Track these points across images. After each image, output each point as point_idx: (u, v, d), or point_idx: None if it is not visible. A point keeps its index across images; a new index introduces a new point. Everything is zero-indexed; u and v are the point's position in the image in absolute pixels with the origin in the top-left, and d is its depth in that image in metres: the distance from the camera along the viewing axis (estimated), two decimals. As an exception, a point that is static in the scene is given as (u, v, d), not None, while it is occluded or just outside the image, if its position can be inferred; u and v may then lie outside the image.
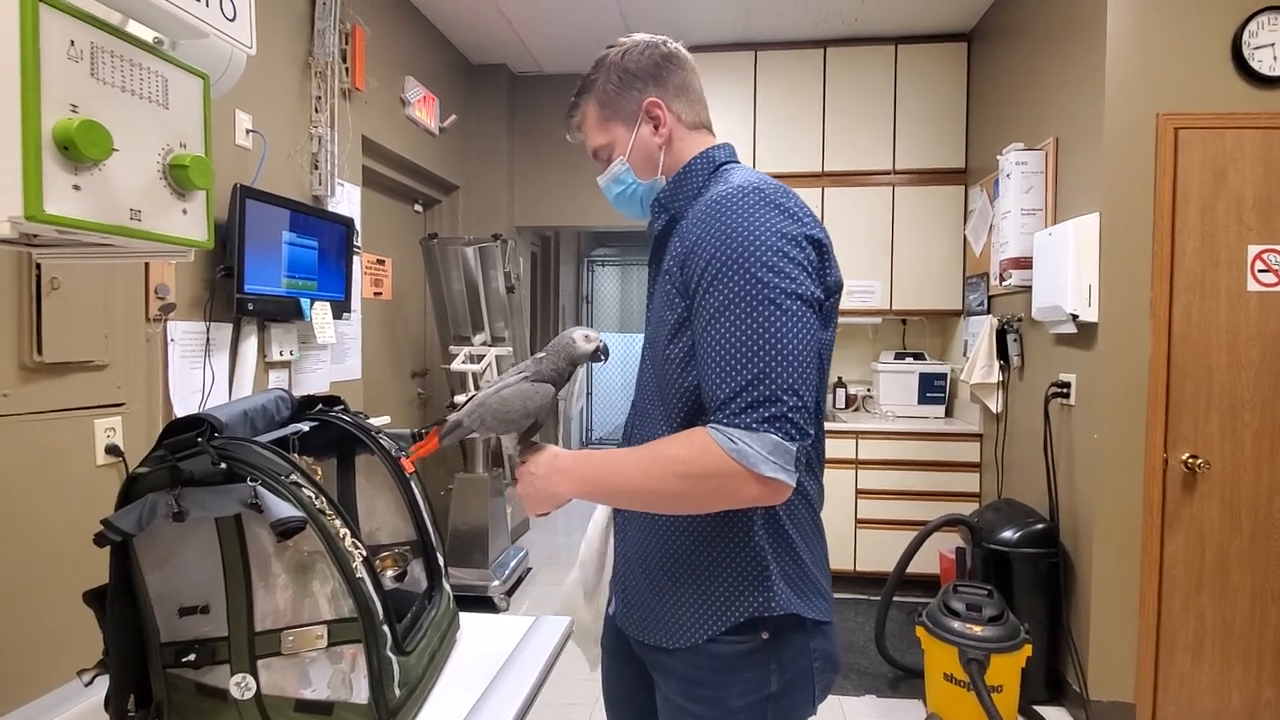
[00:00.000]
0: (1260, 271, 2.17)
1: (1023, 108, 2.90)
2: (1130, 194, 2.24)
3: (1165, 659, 2.25)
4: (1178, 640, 2.25)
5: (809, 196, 3.55)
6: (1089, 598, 2.30)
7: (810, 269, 0.83)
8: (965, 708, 2.11)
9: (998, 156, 2.82)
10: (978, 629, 2.12)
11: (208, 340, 2.00)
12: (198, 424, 0.89)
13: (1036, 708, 2.35)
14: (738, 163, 0.99)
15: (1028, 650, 2.12)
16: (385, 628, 0.96)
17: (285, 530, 0.85)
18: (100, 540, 0.78)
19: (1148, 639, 2.25)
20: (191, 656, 0.88)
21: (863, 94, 3.57)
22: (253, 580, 0.94)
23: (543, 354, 0.99)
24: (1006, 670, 2.10)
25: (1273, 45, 2.15)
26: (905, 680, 2.57)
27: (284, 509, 0.86)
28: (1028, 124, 2.83)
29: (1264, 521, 2.20)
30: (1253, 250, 2.18)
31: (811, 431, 0.81)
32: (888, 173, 3.57)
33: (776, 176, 0.94)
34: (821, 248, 0.86)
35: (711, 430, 0.79)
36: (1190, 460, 2.21)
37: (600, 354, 1.02)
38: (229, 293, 2.01)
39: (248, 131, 2.19)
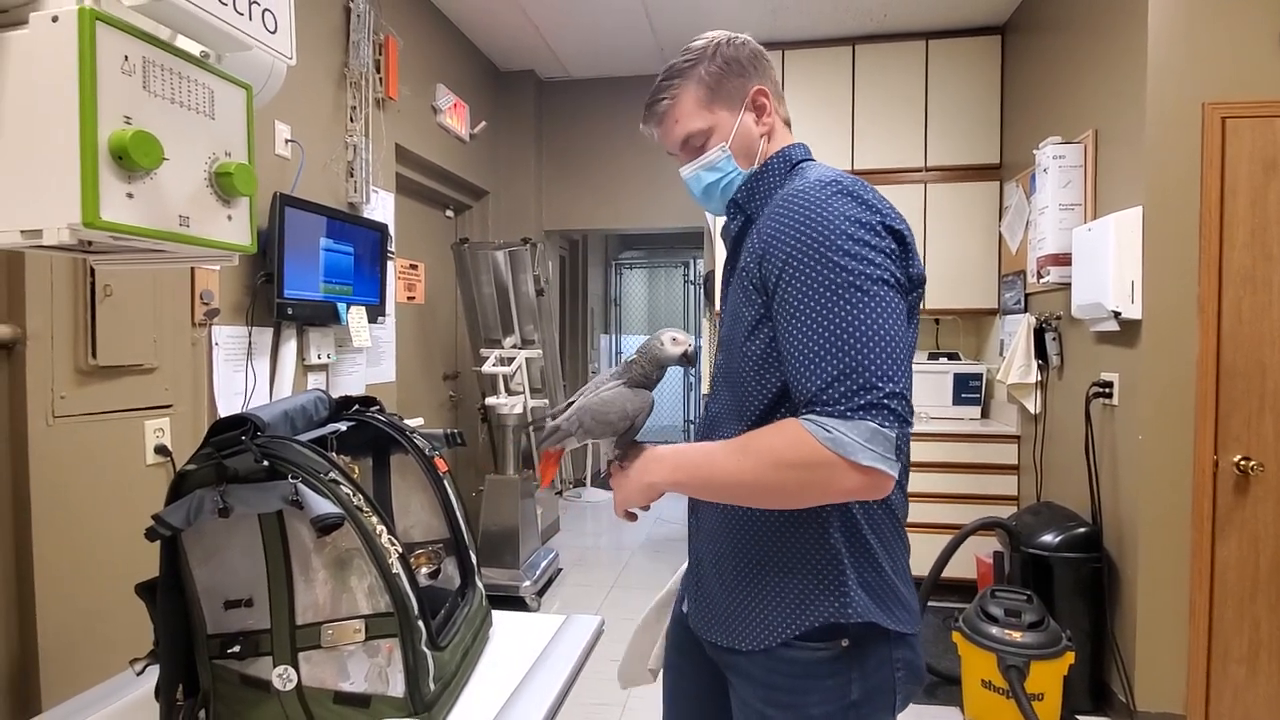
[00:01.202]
0: (1316, 265, 2.08)
1: (1060, 100, 2.83)
2: (1175, 186, 2.17)
3: (1217, 669, 2.17)
4: (1231, 650, 2.16)
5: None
6: (1135, 604, 2.23)
7: (892, 255, 0.80)
8: (1004, 716, 2.06)
9: (1034, 151, 2.76)
10: (1017, 635, 2.06)
11: (249, 344, 2.06)
12: (242, 423, 0.92)
13: (1080, 718, 2.28)
14: (814, 160, 0.97)
15: (1070, 658, 2.06)
16: (420, 623, 0.97)
17: (325, 526, 0.87)
18: (151, 535, 0.81)
19: (1199, 648, 2.17)
20: (236, 648, 0.91)
21: (893, 91, 3.52)
22: (294, 575, 0.96)
23: (633, 357, 1.00)
24: (1048, 678, 2.04)
25: (1327, 28, 2.06)
26: (942, 687, 2.52)
27: (323, 505, 0.88)
28: (1065, 117, 2.76)
29: (1323, 526, 2.11)
30: (1308, 243, 2.09)
31: (911, 420, 0.77)
32: (919, 170, 3.51)
33: None
34: (902, 238, 0.83)
35: (804, 421, 0.76)
36: (1243, 462, 2.13)
37: (688, 358, 1.00)
38: (269, 298, 2.07)
39: (286, 141, 2.25)
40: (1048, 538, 2.39)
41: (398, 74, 2.87)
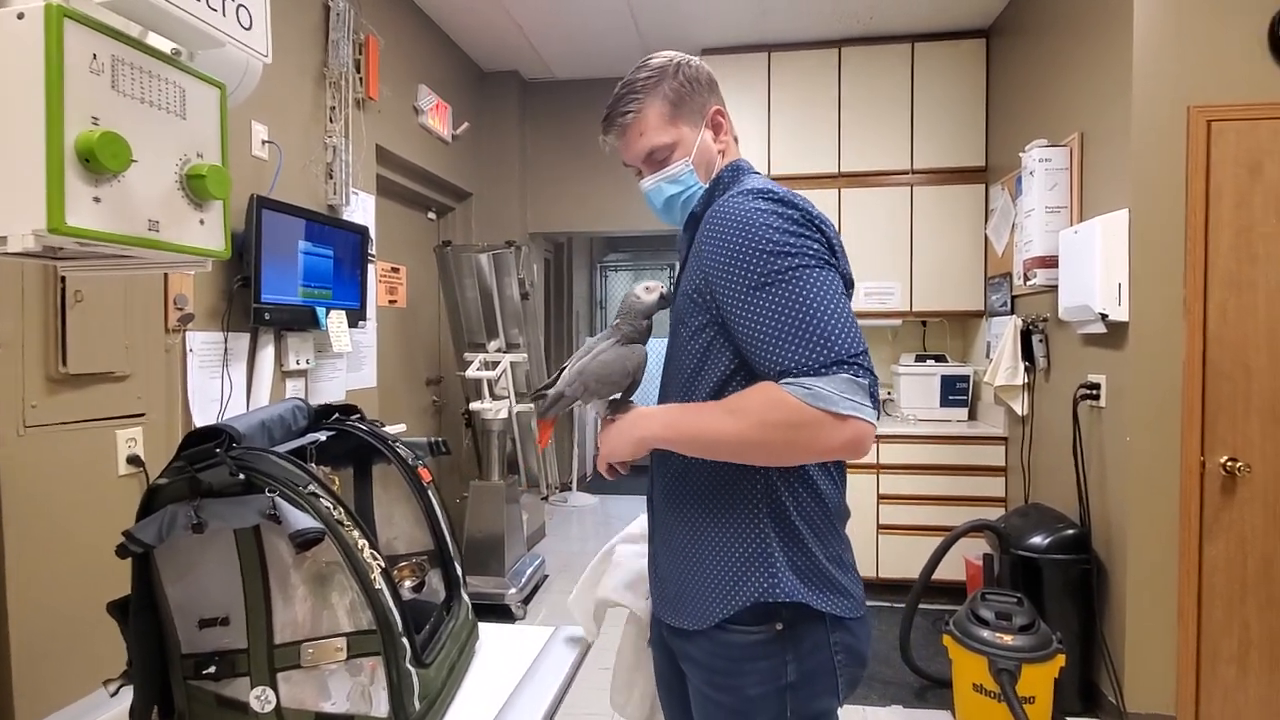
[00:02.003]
0: (1299, 267, 2.10)
1: (1045, 103, 2.85)
2: (1160, 189, 2.18)
3: (1207, 670, 2.18)
4: (1220, 650, 2.17)
5: (825, 197, 3.51)
6: (1124, 606, 2.24)
7: (819, 243, 0.87)
8: (996, 719, 2.05)
9: (1020, 154, 2.77)
10: (1008, 638, 2.06)
11: (225, 350, 2.01)
12: (216, 435, 0.89)
13: (1070, 719, 2.29)
14: (756, 173, 1.04)
15: (1061, 660, 2.06)
16: (404, 640, 0.95)
17: (304, 541, 0.84)
18: (122, 552, 0.78)
19: (1188, 649, 2.18)
20: (212, 669, 0.88)
21: (879, 93, 3.53)
22: (272, 592, 0.93)
23: (617, 320, 1.03)
24: (1039, 681, 2.04)
25: (1311, 32, 2.08)
26: (932, 690, 2.52)
27: (302, 520, 0.85)
28: (1051, 120, 2.78)
29: (1308, 526, 2.13)
30: (1291, 245, 2.11)
31: (875, 374, 0.84)
32: (905, 172, 3.52)
33: (792, 178, 1.00)
34: (827, 236, 0.90)
35: (784, 384, 0.82)
36: (1229, 464, 2.14)
37: (665, 299, 1.05)
38: (246, 303, 2.02)
39: (264, 142, 2.21)
40: (1037, 539, 2.40)
41: (378, 74, 2.83)
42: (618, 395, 1.04)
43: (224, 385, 2.00)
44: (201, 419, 1.90)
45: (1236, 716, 2.17)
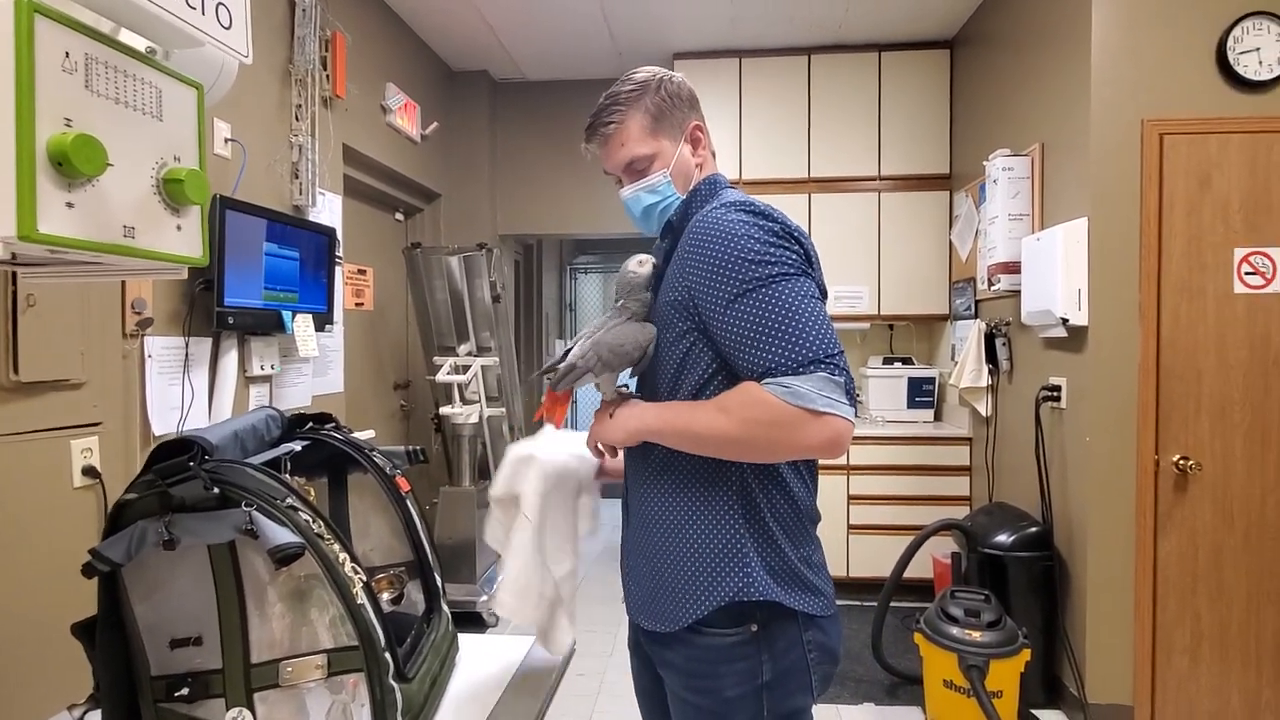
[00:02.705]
0: (1247, 274, 2.20)
1: (1007, 114, 2.93)
2: (1117, 199, 2.27)
3: (1162, 661, 2.27)
4: (1174, 642, 2.26)
5: (795, 202, 3.56)
6: (1085, 600, 2.31)
7: (796, 254, 0.91)
8: (965, 714, 2.10)
9: (984, 162, 2.85)
10: (977, 634, 2.11)
11: (186, 355, 1.95)
12: (188, 447, 0.86)
13: (1035, 712, 2.35)
14: (732, 188, 1.08)
15: (1026, 655, 2.12)
16: (387, 655, 0.93)
17: (284, 557, 0.82)
18: (88, 570, 0.75)
19: (1144, 641, 2.27)
20: (184, 690, 0.86)
21: (847, 101, 3.59)
22: (248, 609, 0.90)
23: (621, 301, 1.04)
24: (1006, 675, 2.10)
25: (1258, 50, 2.18)
26: (903, 687, 2.56)
27: (281, 534, 0.83)
28: (1013, 130, 2.86)
29: (1256, 522, 2.23)
30: (1239, 253, 2.21)
31: (850, 375, 0.88)
32: (873, 179, 3.59)
33: (762, 183, 1.04)
34: (804, 247, 0.94)
35: (765, 384, 0.86)
36: (1181, 462, 2.24)
37: (659, 269, 1.07)
38: (208, 306, 1.96)
39: (227, 140, 2.14)
40: (1002, 538, 2.46)
41: (346, 72, 2.76)
42: (628, 371, 1.04)
43: (185, 392, 1.93)
44: (161, 428, 1.83)
45: (1189, 705, 2.26)
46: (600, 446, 1.06)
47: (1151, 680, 2.27)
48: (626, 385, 1.07)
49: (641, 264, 1.05)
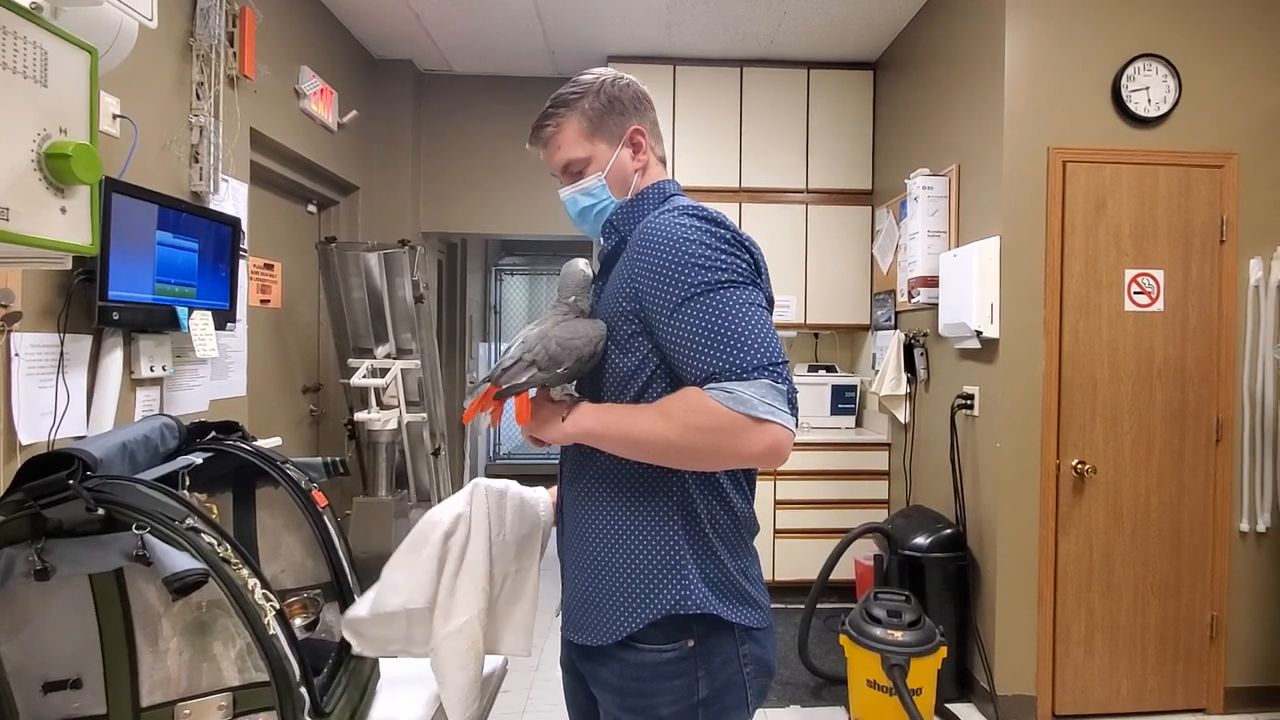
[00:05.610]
0: (1135, 293, 2.40)
1: (927, 135, 3.07)
2: (1025, 220, 2.41)
3: (1061, 652, 2.42)
4: (1071, 634, 2.42)
5: (728, 211, 3.59)
6: (994, 597, 2.44)
7: (745, 262, 0.91)
8: (888, 712, 2.16)
9: (905, 180, 2.97)
10: (898, 634, 2.18)
11: (61, 355, 1.73)
12: (66, 461, 0.74)
13: (949, 706, 2.45)
14: (682, 195, 1.08)
15: (943, 652, 2.20)
16: (302, 689, 0.84)
17: (182, 586, 0.72)
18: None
19: (1045, 634, 2.41)
20: (56, 745, 0.73)
21: (778, 114, 3.67)
22: (137, 646, 0.79)
23: (572, 297, 0.99)
24: (924, 673, 2.17)
25: (1148, 89, 2.38)
26: (827, 688, 2.62)
27: (180, 561, 0.73)
28: (932, 151, 3.00)
29: (1142, 521, 2.42)
30: (1129, 274, 2.40)
31: (793, 385, 0.88)
32: (801, 191, 3.68)
33: (696, 190, 1.02)
34: (753, 256, 0.94)
35: (708, 390, 0.85)
36: (1079, 466, 2.40)
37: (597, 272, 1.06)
38: (89, 299, 1.75)
39: (115, 116, 1.93)
40: (920, 539, 2.56)
41: (255, 50, 2.56)
42: (570, 370, 0.97)
43: (59, 396, 1.72)
44: (29, 436, 1.62)
45: (1084, 693, 2.42)
46: (531, 437, 1.01)
47: (1052, 671, 2.42)
48: (576, 395, 1.02)
49: (589, 263, 1.04)
